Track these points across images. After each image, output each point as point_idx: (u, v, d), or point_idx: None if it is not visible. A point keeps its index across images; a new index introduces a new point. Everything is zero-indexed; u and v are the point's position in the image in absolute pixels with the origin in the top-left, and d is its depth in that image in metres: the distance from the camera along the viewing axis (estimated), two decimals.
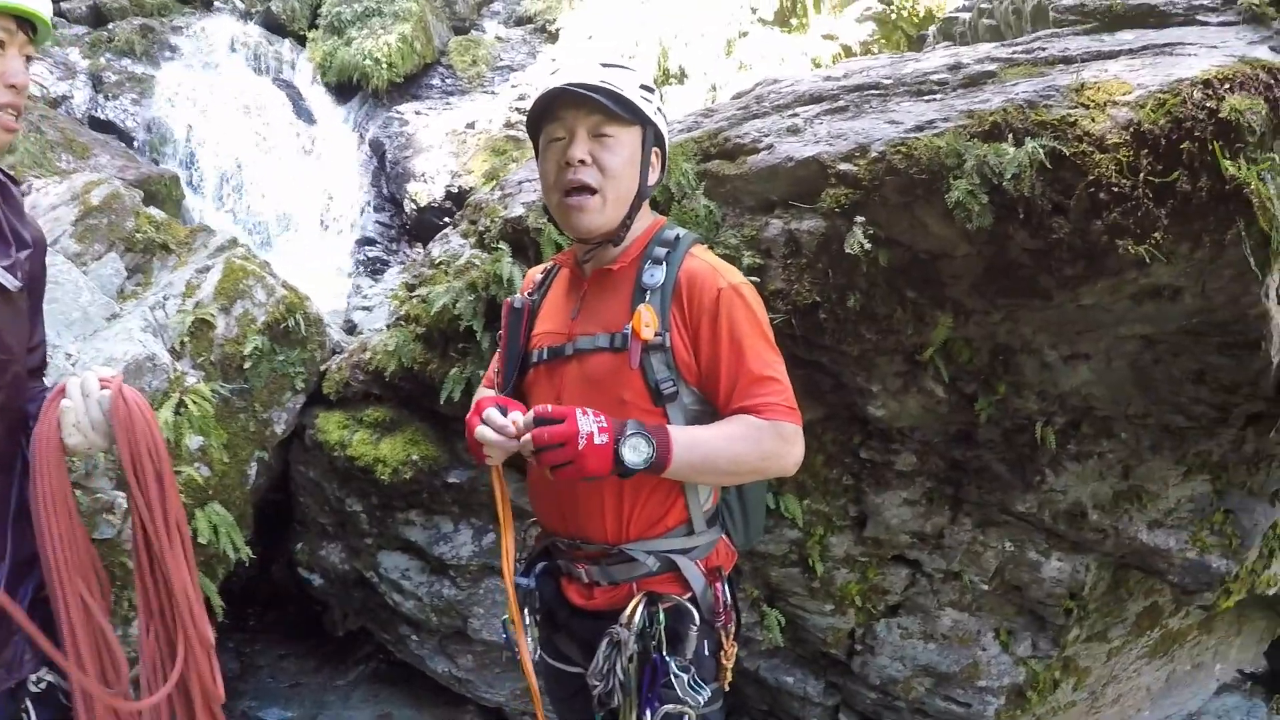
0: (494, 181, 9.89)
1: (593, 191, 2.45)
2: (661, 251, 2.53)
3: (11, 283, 2.23)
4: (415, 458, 5.31)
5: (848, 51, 9.80)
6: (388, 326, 5.56)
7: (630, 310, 2.47)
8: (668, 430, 2.33)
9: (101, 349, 5.11)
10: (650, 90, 2.53)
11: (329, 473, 5.73)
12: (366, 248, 10.80)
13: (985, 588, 4.71)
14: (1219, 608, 4.97)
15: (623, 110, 2.44)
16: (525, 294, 2.84)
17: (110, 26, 11.94)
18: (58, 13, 12.05)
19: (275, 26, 13.17)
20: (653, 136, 2.53)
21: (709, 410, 2.50)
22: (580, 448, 2.22)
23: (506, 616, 2.74)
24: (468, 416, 2.51)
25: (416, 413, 5.47)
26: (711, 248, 3.03)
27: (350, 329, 7.38)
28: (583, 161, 2.44)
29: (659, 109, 2.54)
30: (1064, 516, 4.44)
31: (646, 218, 2.65)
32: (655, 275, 2.49)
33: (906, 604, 4.82)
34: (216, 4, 13.57)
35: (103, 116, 10.65)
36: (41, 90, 10.42)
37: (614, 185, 2.47)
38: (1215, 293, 3.66)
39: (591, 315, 2.58)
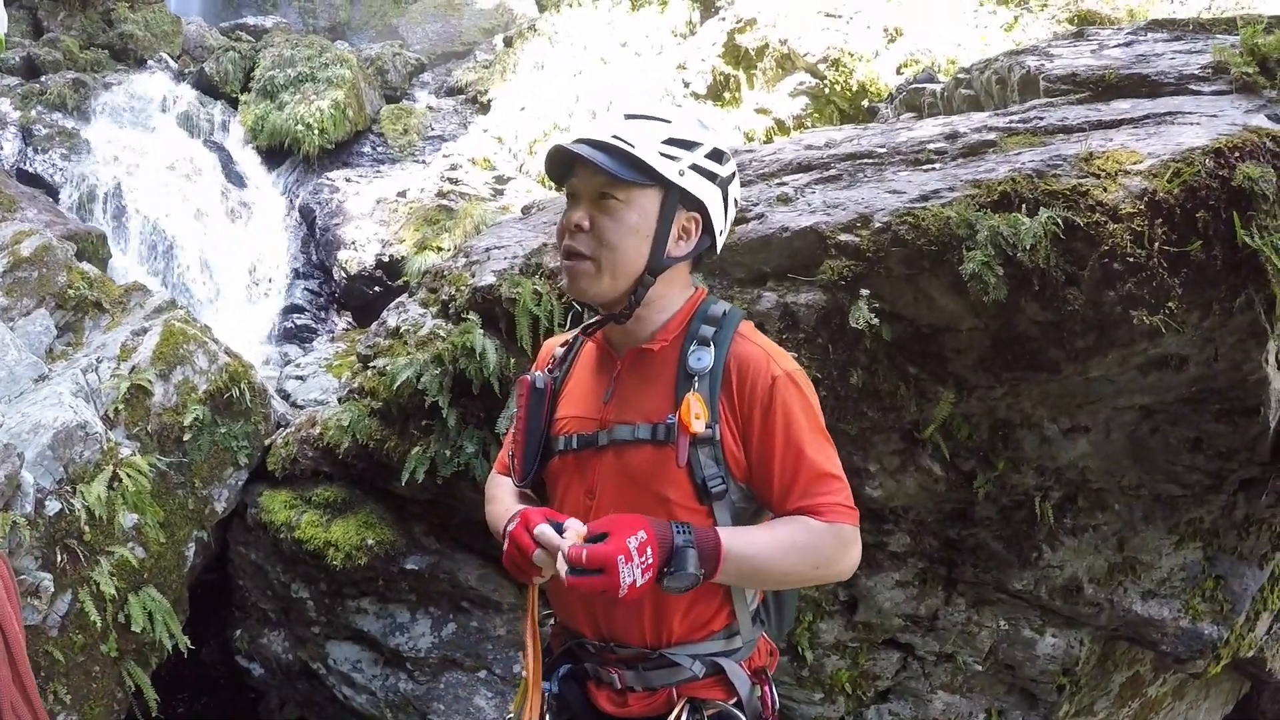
0: (427, 250, 9.89)
1: (588, 258, 2.23)
2: (708, 331, 2.26)
3: None
4: (370, 542, 5.00)
5: (780, 126, 9.81)
6: (340, 400, 5.27)
7: (674, 397, 2.22)
8: (720, 541, 2.08)
9: (28, 414, 4.79)
10: (686, 145, 2.23)
11: (273, 555, 5.40)
12: (294, 315, 10.52)
13: (978, 668, 4.56)
14: (1208, 674, 4.90)
15: (628, 172, 2.17)
16: (545, 370, 2.54)
17: (43, 79, 11.75)
18: None
19: (208, 88, 13.03)
20: (678, 199, 2.24)
21: (755, 508, 2.27)
22: (621, 595, 1.98)
23: None
24: (513, 529, 2.20)
25: (370, 493, 5.17)
26: None
27: (284, 398, 7.10)
28: (579, 227, 2.22)
29: (695, 166, 2.23)
30: (1060, 592, 4.32)
31: (683, 289, 2.38)
32: (703, 358, 2.22)
33: (897, 689, 4.64)
34: (150, 63, 13.38)
35: (31, 169, 10.39)
36: None
37: (611, 255, 2.21)
38: (1218, 360, 3.61)
39: (628, 401, 2.31)
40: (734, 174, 2.35)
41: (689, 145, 2.24)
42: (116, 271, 9.46)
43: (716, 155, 2.28)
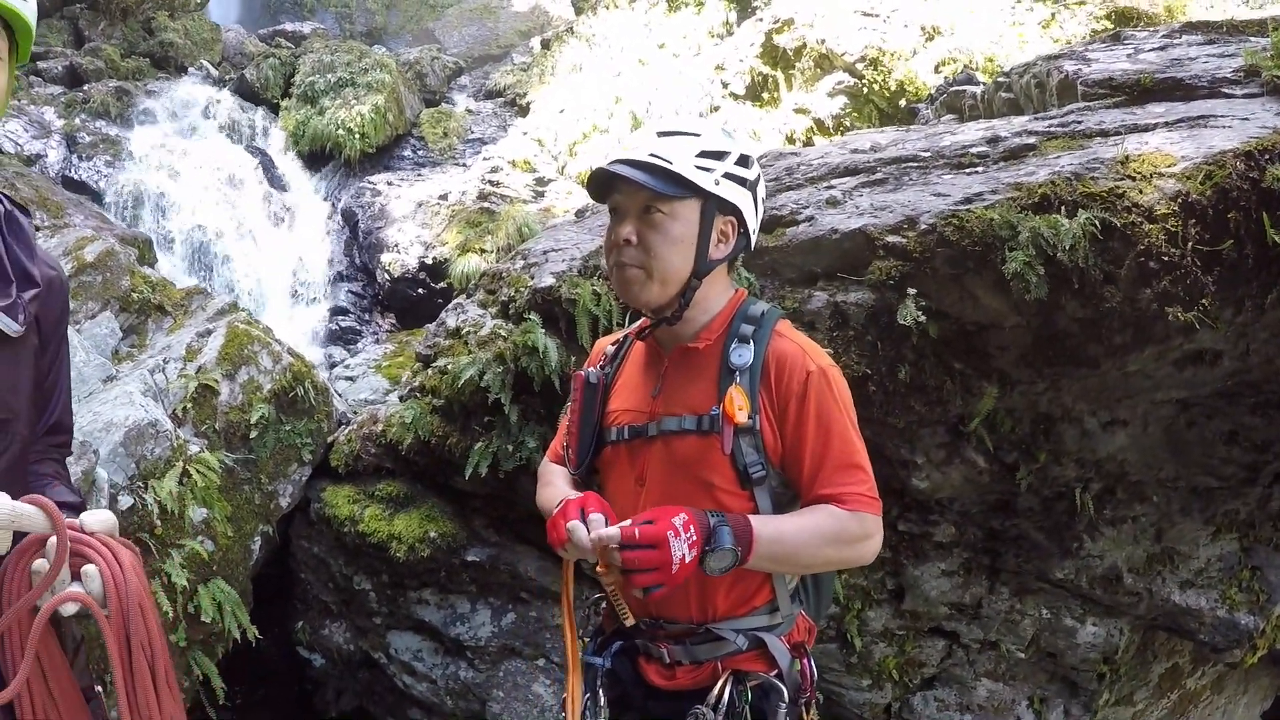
0: (469, 252, 10.03)
1: (639, 267, 2.38)
2: (748, 329, 2.44)
3: (10, 326, 1.98)
4: (433, 535, 5.19)
5: (819, 125, 9.86)
6: (401, 398, 5.46)
7: (718, 391, 2.38)
8: (752, 527, 2.24)
9: (100, 412, 4.98)
10: (716, 156, 2.39)
11: (336, 549, 5.59)
12: (339, 317, 10.60)
13: (1021, 656, 4.69)
14: (1245, 663, 5.01)
15: (670, 186, 2.33)
16: (597, 367, 2.72)
17: (86, 88, 11.85)
18: (34, 72, 11.95)
19: (249, 94, 13.14)
20: (715, 207, 2.39)
21: (792, 493, 2.43)
22: (673, 572, 2.13)
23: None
24: (555, 514, 2.35)
25: (431, 488, 5.36)
26: None
27: None
28: (628, 241, 2.37)
29: (727, 174, 2.39)
30: (1100, 581, 4.46)
31: (724, 291, 2.55)
32: (743, 355, 2.40)
33: (943, 675, 4.78)
34: (191, 70, 13.55)
35: (76, 177, 10.47)
36: (16, 147, 10.29)
37: (660, 264, 2.37)
38: (1251, 354, 3.74)
39: (675, 394, 2.48)
40: (759, 176, 2.52)
41: (720, 155, 2.41)
42: (162, 276, 9.61)
43: (744, 161, 2.45)
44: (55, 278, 2.21)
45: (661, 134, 2.43)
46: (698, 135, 2.43)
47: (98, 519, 1.94)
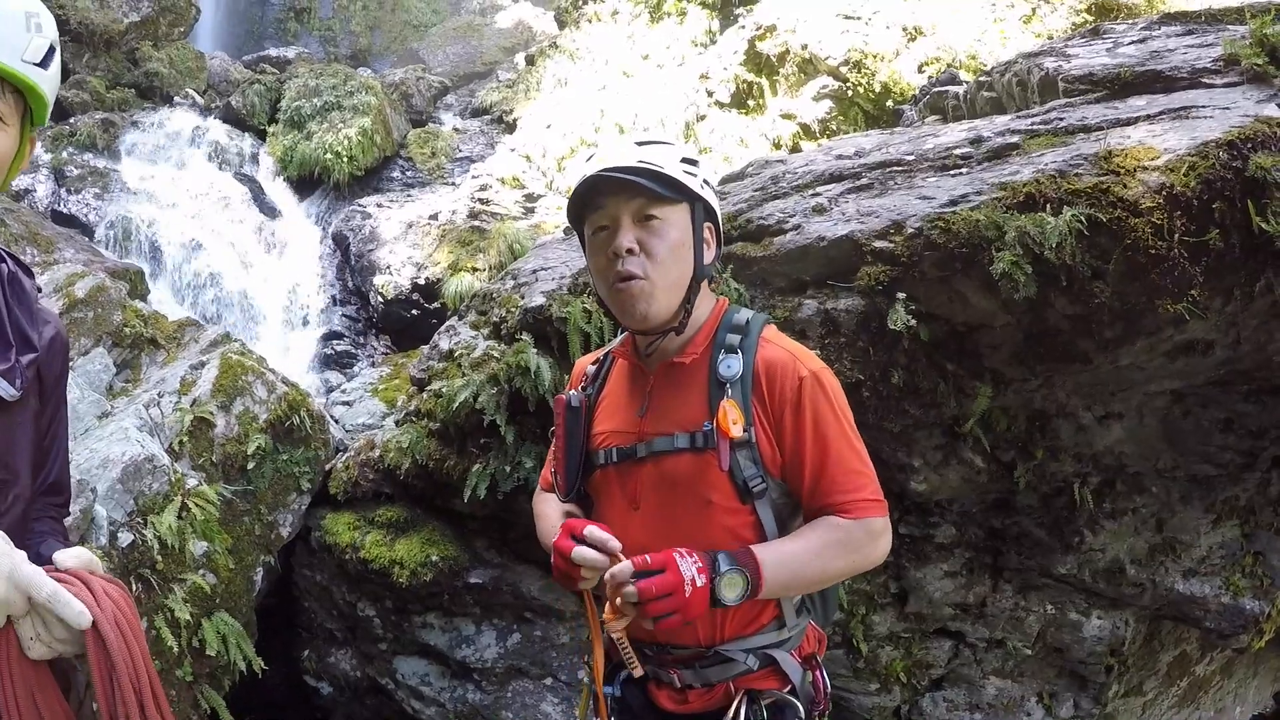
0: (461, 271, 10.04)
1: (644, 278, 2.30)
2: (734, 339, 2.39)
3: (8, 391, 1.98)
4: (435, 558, 5.18)
5: (806, 130, 9.89)
6: (397, 423, 5.47)
7: (708, 406, 2.33)
8: (756, 558, 2.21)
9: (96, 449, 4.95)
10: (694, 163, 2.38)
11: (338, 576, 5.58)
12: (334, 341, 10.59)
13: (1028, 652, 4.69)
14: (1253, 647, 5.00)
15: (666, 189, 2.29)
16: (579, 389, 2.64)
17: (72, 120, 11.87)
18: None
19: (236, 121, 13.18)
20: (703, 212, 2.38)
21: (795, 503, 2.40)
22: (686, 595, 2.11)
23: None
24: (556, 540, 2.32)
25: (431, 512, 5.36)
26: None
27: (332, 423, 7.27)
28: (630, 250, 2.29)
29: (705, 181, 2.39)
30: (1103, 575, 4.46)
31: (708, 300, 2.51)
32: (732, 366, 2.34)
33: (951, 676, 4.78)
34: (177, 99, 13.56)
35: (66, 210, 10.51)
36: None
37: (664, 271, 2.30)
38: (1242, 342, 3.74)
39: (663, 413, 2.41)
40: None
41: (695, 163, 2.41)
42: (155, 307, 9.56)
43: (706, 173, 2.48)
44: (56, 337, 2.20)
45: (641, 144, 2.40)
46: (673, 144, 2.43)
47: (71, 555, 1.90)
